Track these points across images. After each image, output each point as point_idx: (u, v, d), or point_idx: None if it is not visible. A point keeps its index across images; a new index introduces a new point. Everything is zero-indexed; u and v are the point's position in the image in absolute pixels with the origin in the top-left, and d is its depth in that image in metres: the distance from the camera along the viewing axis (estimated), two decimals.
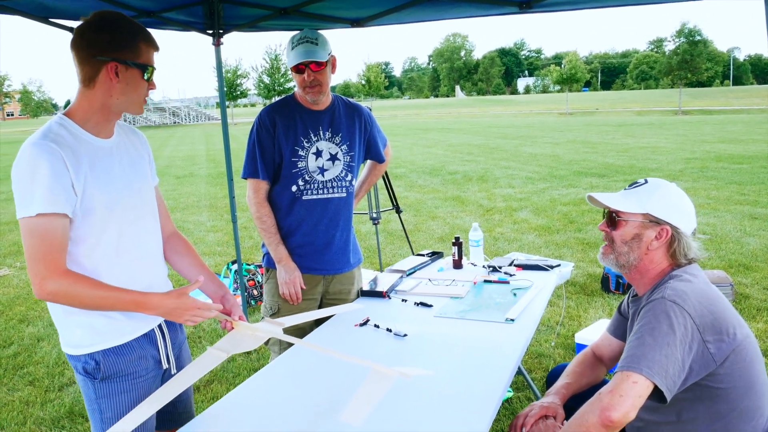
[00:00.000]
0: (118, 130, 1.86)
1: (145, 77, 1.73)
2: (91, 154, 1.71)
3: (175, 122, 60.02)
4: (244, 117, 55.34)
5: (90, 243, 1.72)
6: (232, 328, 1.94)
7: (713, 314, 1.69)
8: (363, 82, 60.04)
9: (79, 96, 1.74)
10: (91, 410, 1.85)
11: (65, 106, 2.29)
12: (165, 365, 1.94)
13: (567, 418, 1.88)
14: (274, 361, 2.27)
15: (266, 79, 51.88)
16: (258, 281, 5.34)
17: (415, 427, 1.71)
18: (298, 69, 2.60)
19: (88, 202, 1.68)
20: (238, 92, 52.34)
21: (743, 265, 5.87)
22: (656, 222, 1.83)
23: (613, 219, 1.91)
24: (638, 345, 1.66)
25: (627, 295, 2.09)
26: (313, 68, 2.57)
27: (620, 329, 2.11)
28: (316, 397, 1.93)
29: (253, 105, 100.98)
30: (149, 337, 1.88)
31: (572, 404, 1.95)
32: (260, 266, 5.44)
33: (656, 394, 1.64)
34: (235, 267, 5.40)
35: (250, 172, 2.73)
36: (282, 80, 51.44)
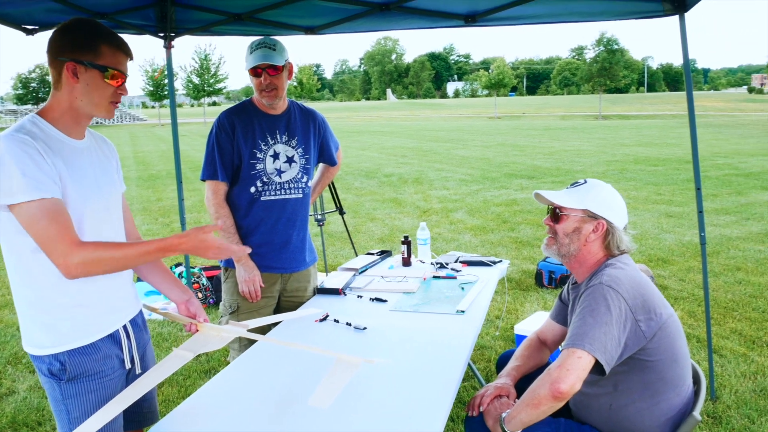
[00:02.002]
0: (89, 136, 1.89)
1: (106, 79, 1.74)
2: (63, 151, 1.74)
3: (96, 122, 57.70)
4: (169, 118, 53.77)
5: None
6: (197, 330, 2.00)
7: (643, 297, 1.93)
8: (295, 84, 59.63)
9: (50, 97, 1.78)
10: (57, 411, 1.85)
11: None
12: (128, 365, 1.96)
13: (518, 396, 2.09)
14: (238, 358, 2.33)
15: (195, 80, 50.69)
16: (202, 284, 5.35)
17: (379, 415, 1.82)
18: (256, 72, 2.70)
19: (66, 195, 1.71)
20: (165, 92, 50.91)
21: (661, 259, 6.35)
22: (593, 217, 2.06)
23: (556, 214, 2.13)
24: (581, 325, 1.87)
25: (567, 284, 2.31)
26: (270, 72, 2.68)
27: (561, 315, 2.33)
28: (282, 388, 2.01)
29: (180, 105, 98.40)
30: (113, 337, 1.90)
31: (521, 384, 2.15)
32: (204, 269, 5.46)
33: (596, 368, 1.85)
34: (178, 270, 5.38)
35: (209, 174, 2.80)
36: (212, 81, 50.42)
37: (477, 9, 3.30)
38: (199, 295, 5.29)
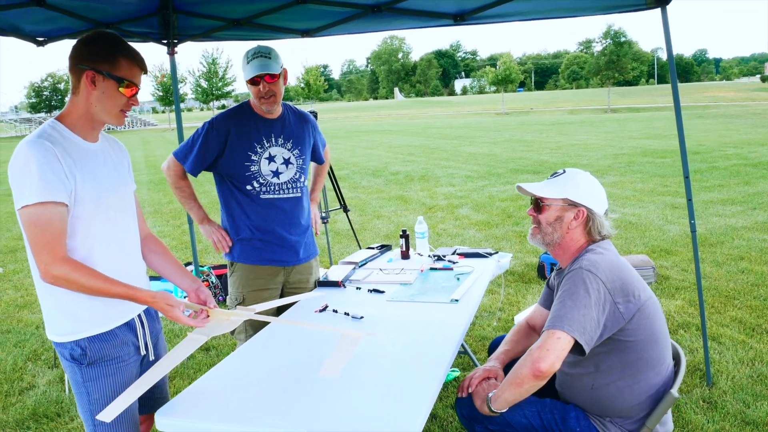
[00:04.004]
0: (102, 138, 2.05)
1: (121, 89, 1.90)
2: (79, 154, 1.89)
3: (109, 128, 58.32)
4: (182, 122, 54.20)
5: (80, 234, 1.89)
6: (208, 316, 2.14)
7: (621, 280, 2.02)
8: (302, 85, 59.80)
9: (68, 103, 1.93)
10: (78, 393, 2.01)
11: None
12: (143, 351, 2.11)
13: None
14: (243, 345, 2.48)
15: (204, 83, 51.07)
16: (212, 282, 5.48)
17: (374, 395, 1.93)
18: (254, 81, 2.81)
19: (79, 194, 1.86)
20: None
21: (664, 250, 6.40)
22: (573, 205, 2.16)
23: (538, 205, 2.22)
24: (561, 307, 1.97)
25: (553, 271, 2.40)
26: (267, 80, 2.79)
27: (548, 300, 2.42)
28: (284, 371, 2.14)
29: (189, 110, 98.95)
30: (129, 325, 2.06)
31: (510, 368, 2.25)
32: (213, 268, 5.59)
33: (577, 349, 1.95)
34: (188, 268, 5.52)
35: (181, 157, 2.95)
36: (220, 84, 50.79)
37: (465, 8, 3.41)
38: None
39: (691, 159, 13.73)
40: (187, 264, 5.66)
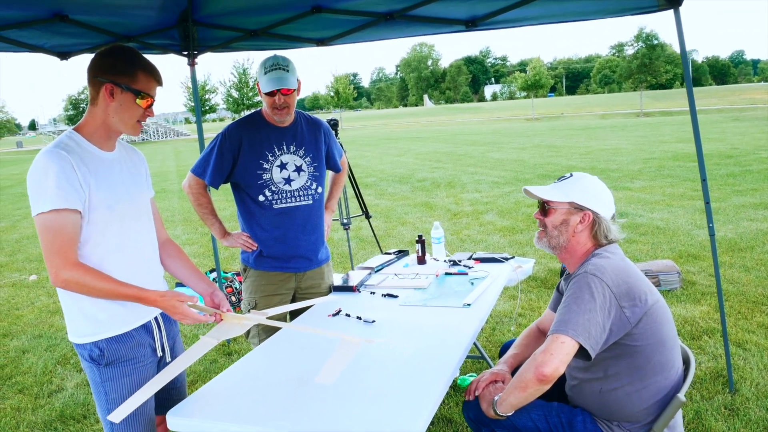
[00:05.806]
0: (120, 147, 2.13)
1: (138, 101, 1.97)
2: (95, 163, 1.98)
3: (143, 139, 59.64)
4: (214, 132, 55.17)
5: (94, 241, 1.97)
6: (221, 319, 2.20)
7: (627, 284, 2.01)
8: (332, 94, 60.30)
9: (86, 113, 2.02)
10: (96, 393, 2.09)
11: (30, 127, 2.50)
12: (160, 353, 2.18)
13: None
14: (257, 347, 2.53)
15: (235, 93, 51.93)
16: (236, 288, 5.57)
17: (380, 397, 1.95)
18: (270, 92, 2.85)
19: (93, 201, 1.93)
20: (207, 107, 52.29)
21: (692, 255, 6.29)
22: (579, 209, 2.16)
23: (544, 208, 2.23)
24: (565, 312, 1.97)
25: (563, 275, 2.40)
26: (283, 92, 2.84)
27: (558, 305, 2.42)
28: (295, 373, 2.18)
29: (221, 119, 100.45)
30: (146, 327, 2.13)
31: None
32: (237, 274, 5.69)
33: (582, 353, 1.95)
34: (213, 275, 5.62)
35: (200, 172, 3.01)
36: (251, 94, 51.55)
37: (476, 14, 3.43)
38: (233, 298, 5.52)
39: (724, 162, 13.48)
40: (212, 270, 5.77)
